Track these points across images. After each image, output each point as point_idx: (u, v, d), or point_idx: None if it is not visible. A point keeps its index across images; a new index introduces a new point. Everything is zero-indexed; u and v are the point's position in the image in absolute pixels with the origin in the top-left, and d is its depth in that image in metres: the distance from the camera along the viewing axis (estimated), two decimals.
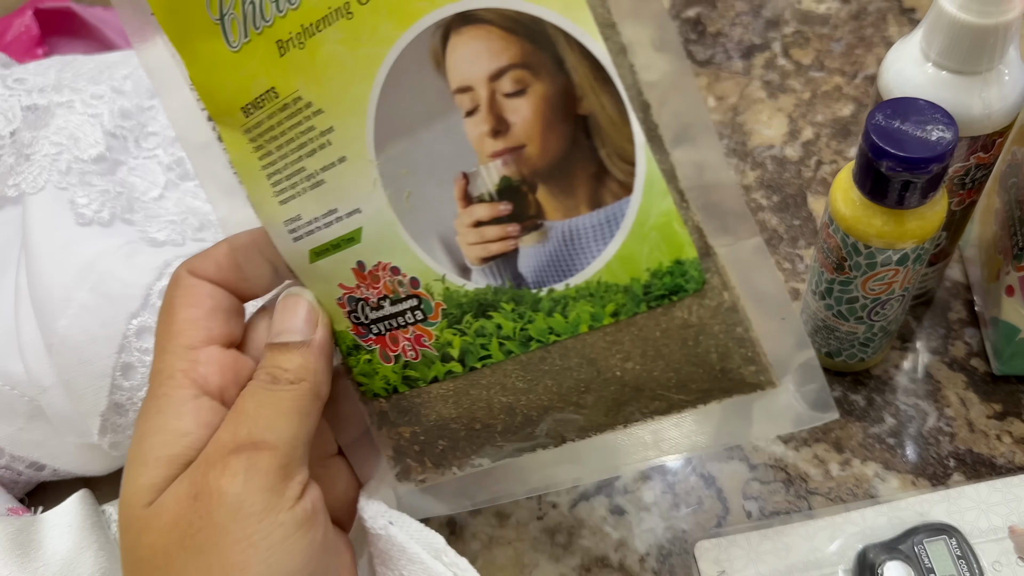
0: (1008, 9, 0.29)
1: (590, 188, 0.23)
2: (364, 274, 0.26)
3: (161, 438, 0.25)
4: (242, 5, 0.25)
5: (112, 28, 0.53)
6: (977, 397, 0.37)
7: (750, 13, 0.52)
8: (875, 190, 0.30)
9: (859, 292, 0.33)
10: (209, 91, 0.26)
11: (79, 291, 0.33)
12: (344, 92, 0.24)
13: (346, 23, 0.23)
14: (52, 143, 0.37)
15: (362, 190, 0.25)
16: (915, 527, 0.33)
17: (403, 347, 0.27)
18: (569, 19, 0.22)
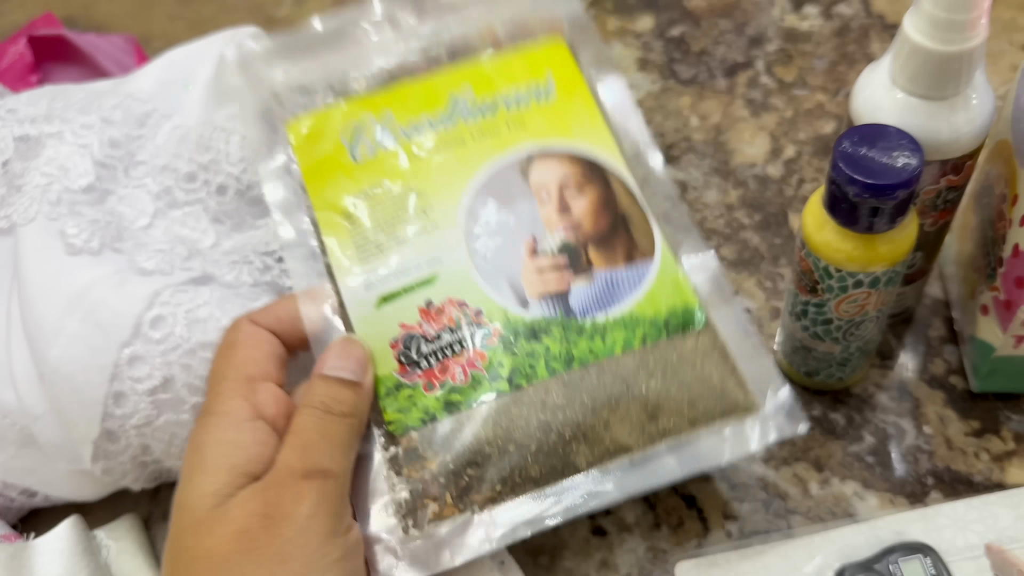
0: (971, 36, 0.29)
1: (626, 251, 0.34)
2: (430, 310, 0.33)
3: (222, 449, 0.28)
4: (376, 135, 0.36)
5: (104, 55, 0.54)
6: (955, 415, 0.37)
7: (734, 31, 0.52)
8: (844, 215, 0.30)
9: (833, 314, 0.33)
10: (319, 187, 0.35)
11: (71, 320, 0.33)
12: (448, 184, 0.35)
13: (460, 149, 0.36)
14: (42, 174, 0.38)
15: (447, 248, 0.34)
16: (891, 546, 0.33)
17: (453, 373, 0.32)
18: (611, 160, 0.36)
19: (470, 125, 0.36)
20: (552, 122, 0.36)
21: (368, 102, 0.37)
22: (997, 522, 0.34)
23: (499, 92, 0.36)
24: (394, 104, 0.37)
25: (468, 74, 0.37)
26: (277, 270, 0.37)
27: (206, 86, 0.43)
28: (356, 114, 0.36)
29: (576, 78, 0.37)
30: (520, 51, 0.38)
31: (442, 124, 0.36)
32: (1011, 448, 0.36)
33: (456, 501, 0.30)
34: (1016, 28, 0.50)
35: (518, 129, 0.36)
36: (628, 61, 0.52)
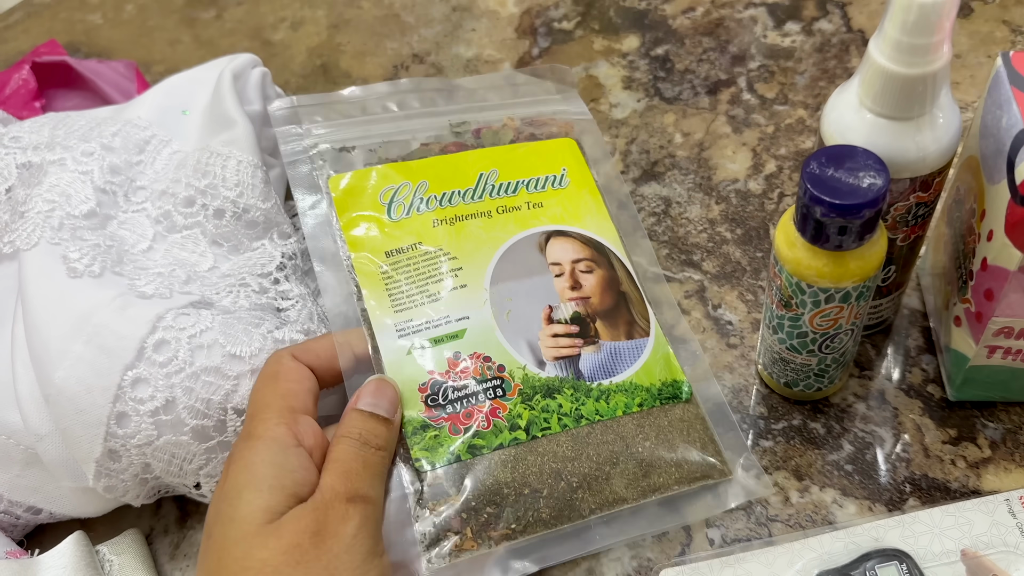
0: (934, 59, 0.30)
1: (627, 327, 0.39)
2: (457, 361, 0.36)
3: (274, 471, 0.31)
4: (411, 199, 0.40)
5: (106, 80, 0.55)
6: (933, 423, 0.38)
7: (717, 49, 0.54)
8: (813, 234, 0.31)
9: (807, 327, 0.35)
10: (357, 239, 0.39)
11: (75, 344, 0.35)
12: (476, 250, 0.39)
13: (487, 220, 0.40)
14: (45, 200, 0.39)
15: (474, 306, 0.38)
16: (868, 552, 0.34)
17: (477, 419, 0.35)
18: (615, 247, 0.41)
19: (496, 201, 0.41)
20: (565, 208, 0.41)
21: (404, 168, 0.41)
22: (972, 528, 0.35)
23: (521, 176, 0.42)
24: (428, 174, 0.41)
25: (494, 158, 0.42)
26: (273, 292, 0.39)
27: (204, 112, 0.44)
28: (393, 177, 0.41)
29: (585, 173, 0.43)
30: (539, 145, 0.43)
31: (471, 198, 0.41)
32: (987, 455, 0.37)
33: (475, 536, 0.33)
34: (994, 41, 0.52)
35: (537, 211, 0.41)
36: (614, 80, 0.53)
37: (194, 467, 0.35)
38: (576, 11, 0.58)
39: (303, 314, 0.38)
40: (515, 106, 0.45)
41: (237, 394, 0.34)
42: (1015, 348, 0.35)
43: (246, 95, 0.45)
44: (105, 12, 0.64)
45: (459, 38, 0.58)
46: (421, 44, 0.58)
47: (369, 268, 0.38)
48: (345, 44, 0.59)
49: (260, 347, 0.34)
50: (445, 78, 0.48)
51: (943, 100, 0.32)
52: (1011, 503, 0.36)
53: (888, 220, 0.35)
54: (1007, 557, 0.34)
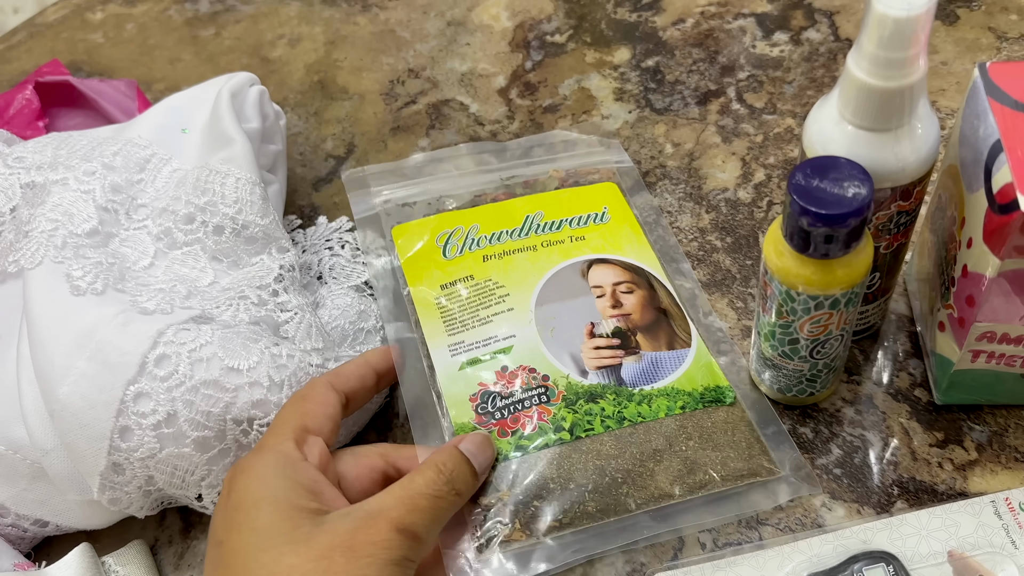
0: (911, 73, 0.31)
1: (668, 339, 0.41)
2: (505, 373, 0.40)
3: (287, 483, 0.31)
4: (464, 240, 0.45)
5: (107, 99, 0.57)
6: (920, 426, 0.39)
7: (706, 60, 0.54)
8: (801, 244, 0.32)
9: (799, 334, 0.35)
10: (416, 276, 0.44)
11: (78, 360, 0.35)
12: (522, 279, 0.43)
13: (532, 253, 0.44)
14: (48, 219, 0.40)
15: (520, 325, 0.42)
16: (856, 555, 0.35)
17: (523, 423, 0.38)
18: (655, 271, 0.44)
19: (540, 237, 0.45)
20: (606, 239, 0.45)
21: (458, 216, 0.46)
22: (959, 530, 0.36)
23: (565, 215, 0.46)
24: (479, 219, 0.46)
25: (540, 202, 0.47)
26: (272, 304, 0.39)
27: (202, 130, 0.45)
28: (448, 223, 0.46)
29: (626, 209, 0.46)
30: (582, 189, 0.47)
31: (518, 235, 0.45)
32: (973, 457, 0.38)
33: (524, 528, 0.36)
34: (979, 48, 0.52)
35: (579, 243, 0.45)
36: (605, 92, 0.54)
37: (196, 478, 0.35)
38: (568, 24, 0.59)
39: (302, 326, 0.39)
40: (561, 159, 0.50)
41: (236, 406, 0.35)
42: (998, 352, 0.36)
43: (244, 113, 0.46)
44: (106, 31, 0.65)
45: (454, 52, 0.59)
46: (416, 59, 0.59)
47: (426, 299, 0.43)
48: (342, 60, 0.60)
49: (258, 360, 0.35)
50: (498, 141, 0.52)
51: (921, 111, 0.33)
52: (997, 504, 0.36)
53: (871, 228, 0.35)
54: (993, 558, 0.35)
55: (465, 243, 0.45)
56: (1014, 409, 0.39)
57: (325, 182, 0.53)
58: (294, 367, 0.36)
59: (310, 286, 0.46)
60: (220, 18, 0.64)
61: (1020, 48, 0.52)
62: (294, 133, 0.56)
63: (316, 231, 0.49)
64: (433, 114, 0.55)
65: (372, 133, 0.55)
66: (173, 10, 0.65)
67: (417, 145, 0.54)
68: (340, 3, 0.64)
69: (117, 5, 0.67)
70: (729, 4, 0.57)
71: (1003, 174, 0.31)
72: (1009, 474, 0.37)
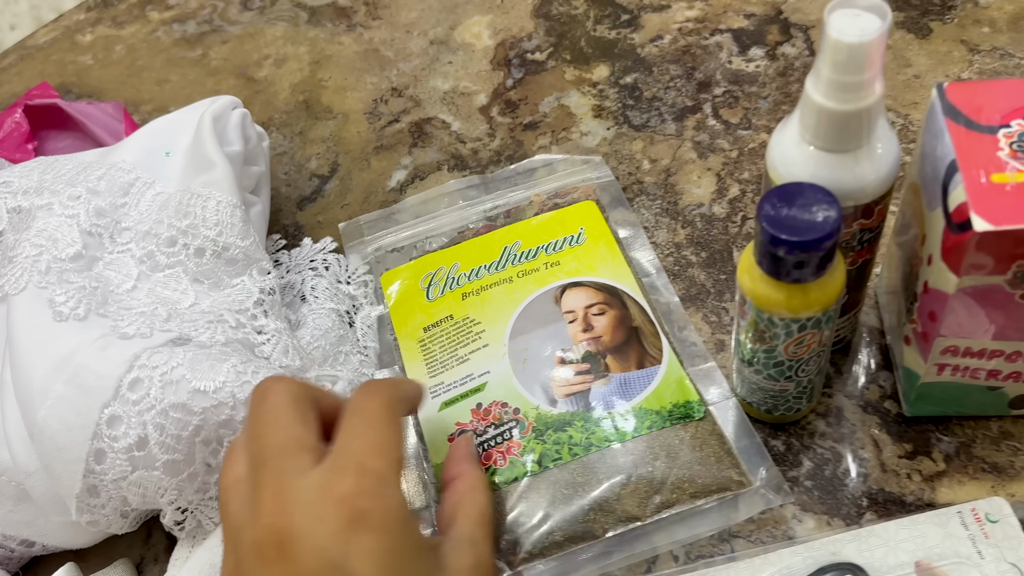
0: (867, 95, 0.32)
1: (638, 358, 0.42)
2: (480, 411, 0.41)
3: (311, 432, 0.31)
4: (445, 280, 0.46)
5: (95, 122, 0.57)
6: (889, 438, 0.40)
7: (683, 76, 0.55)
8: (776, 270, 0.33)
9: (783, 356, 0.36)
10: (402, 321, 0.46)
11: (56, 383, 0.36)
12: (498, 313, 0.45)
13: (508, 285, 0.46)
14: (33, 245, 0.41)
15: (494, 361, 0.43)
16: (823, 567, 0.36)
17: (495, 459, 0.40)
18: (630, 288, 0.44)
19: (516, 268, 0.46)
20: (581, 262, 0.46)
21: (440, 256, 0.48)
22: (926, 540, 0.36)
23: (541, 242, 0.47)
24: (460, 256, 0.47)
25: (517, 232, 0.48)
26: (249, 327, 0.40)
27: (185, 154, 0.46)
28: (431, 265, 0.47)
29: (603, 227, 0.47)
30: (560, 212, 0.48)
31: (495, 269, 0.46)
32: (941, 468, 0.38)
33: (496, 562, 0.37)
34: (952, 61, 0.53)
35: (554, 268, 0.46)
36: (584, 109, 0.55)
37: (165, 500, 0.36)
38: (549, 42, 0.59)
39: (278, 348, 0.39)
40: (544, 183, 0.51)
41: (204, 428, 0.36)
42: (963, 365, 0.36)
43: (226, 136, 0.47)
44: (96, 53, 0.66)
45: (436, 71, 0.60)
46: (400, 78, 0.60)
47: (411, 344, 0.45)
48: (327, 80, 0.61)
49: (224, 380, 0.36)
50: (484, 174, 0.53)
51: (880, 131, 0.34)
52: (963, 515, 0.37)
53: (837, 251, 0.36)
54: (960, 568, 0.35)
55: (446, 283, 0.46)
56: (982, 420, 0.39)
57: (309, 201, 0.54)
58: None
59: (292, 305, 0.47)
60: (207, 39, 0.65)
61: (992, 60, 0.53)
62: (279, 153, 0.57)
63: (300, 252, 0.50)
64: (415, 132, 0.56)
65: (356, 152, 0.56)
66: (161, 31, 0.66)
67: (399, 163, 0.55)
68: (325, 23, 0.65)
69: (106, 27, 0.68)
70: (706, 20, 0.58)
71: (958, 193, 0.32)
72: (976, 484, 0.38)
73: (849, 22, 0.30)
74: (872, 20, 0.30)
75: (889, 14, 0.30)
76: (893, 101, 0.52)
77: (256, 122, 0.58)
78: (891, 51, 0.54)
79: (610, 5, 0.61)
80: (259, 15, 0.66)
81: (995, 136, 0.32)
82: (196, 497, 0.38)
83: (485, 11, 0.62)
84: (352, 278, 0.48)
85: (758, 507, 0.38)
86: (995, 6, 0.55)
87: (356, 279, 0.48)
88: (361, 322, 0.46)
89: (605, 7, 0.61)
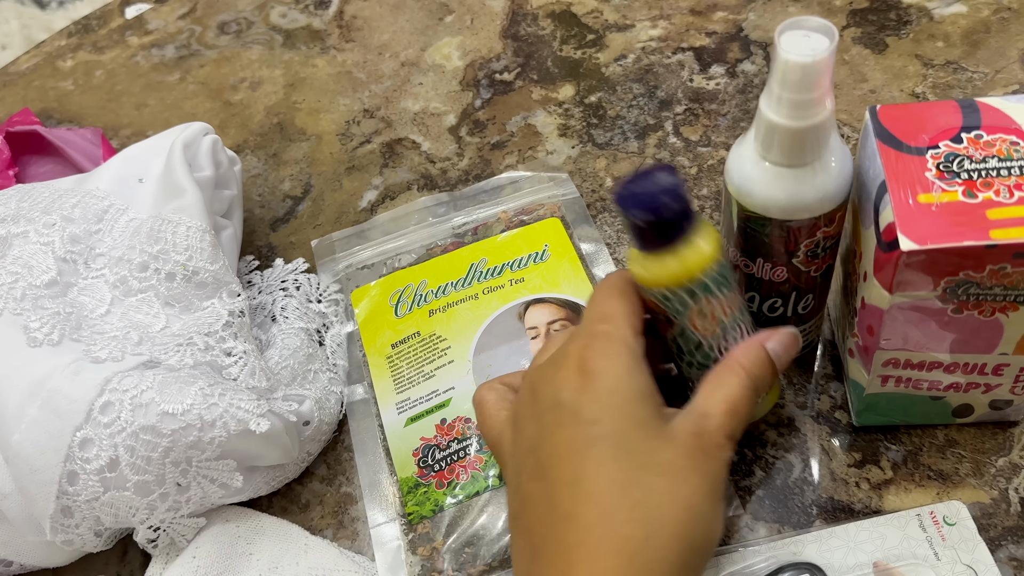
0: (818, 112, 0.33)
1: None
2: (444, 427, 0.43)
3: (644, 380, 0.33)
4: (413, 297, 0.48)
5: (75, 147, 0.59)
6: (839, 448, 0.41)
7: (646, 95, 0.57)
8: (641, 239, 0.34)
9: (694, 334, 0.35)
10: (371, 338, 0.47)
11: (30, 407, 0.38)
12: (463, 329, 0.46)
13: (473, 302, 0.47)
14: (8, 272, 0.43)
15: (459, 376, 0.44)
16: (782, 566, 0.37)
17: (458, 473, 0.41)
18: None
19: (482, 284, 0.48)
20: (544, 278, 0.47)
21: (409, 273, 0.49)
22: (885, 542, 0.37)
23: (506, 259, 0.48)
24: (428, 273, 0.49)
25: (484, 249, 0.49)
26: (218, 349, 0.42)
27: (157, 181, 0.47)
28: (400, 281, 0.49)
29: (566, 244, 0.49)
30: (526, 229, 0.50)
31: (461, 286, 0.48)
32: (888, 476, 0.40)
33: (456, 573, 0.38)
34: (906, 76, 0.54)
35: (519, 285, 0.47)
36: (550, 128, 0.56)
37: (137, 519, 0.37)
38: (516, 62, 0.61)
39: (245, 370, 0.41)
40: (510, 200, 0.52)
41: (174, 451, 0.37)
42: (904, 377, 0.38)
43: (197, 162, 0.49)
44: (76, 78, 0.68)
45: (407, 92, 0.61)
46: (372, 99, 0.61)
47: (379, 360, 0.46)
48: (300, 102, 0.62)
49: (191, 403, 0.37)
50: (453, 191, 0.54)
51: (833, 144, 0.35)
52: (922, 518, 0.38)
53: (800, 255, 0.37)
54: (916, 569, 0.37)
55: (414, 300, 0.48)
56: (928, 429, 0.41)
57: (282, 222, 0.55)
58: (225, 405, 0.38)
59: (263, 325, 0.48)
60: (185, 63, 0.67)
61: (946, 74, 0.54)
62: (253, 175, 0.58)
63: (272, 272, 0.51)
64: (387, 153, 0.58)
65: (328, 173, 0.57)
66: (140, 56, 0.68)
67: (371, 184, 0.56)
68: (300, 46, 0.66)
69: (87, 52, 0.69)
70: (669, 39, 0.60)
71: (888, 213, 0.33)
72: (922, 492, 0.39)
73: (799, 42, 0.32)
74: (820, 40, 0.32)
75: (836, 34, 0.32)
76: (849, 116, 0.53)
77: (231, 145, 0.59)
78: (847, 66, 0.55)
79: (576, 25, 0.62)
80: (235, 39, 0.67)
81: (923, 157, 0.34)
82: (168, 515, 0.39)
83: (455, 32, 0.64)
84: (323, 296, 0.50)
85: None
86: (949, 21, 0.57)
87: (327, 297, 0.50)
88: (331, 340, 0.48)
89: (571, 27, 0.62)
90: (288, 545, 0.41)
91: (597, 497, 0.30)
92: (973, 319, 0.34)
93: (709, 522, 0.31)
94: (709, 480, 0.31)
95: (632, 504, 0.30)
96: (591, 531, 0.30)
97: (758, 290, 0.39)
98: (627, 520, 0.30)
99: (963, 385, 0.38)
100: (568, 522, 0.30)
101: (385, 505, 0.42)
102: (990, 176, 0.33)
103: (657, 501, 0.30)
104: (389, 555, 0.40)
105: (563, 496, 0.31)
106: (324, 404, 0.44)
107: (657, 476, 0.31)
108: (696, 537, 0.31)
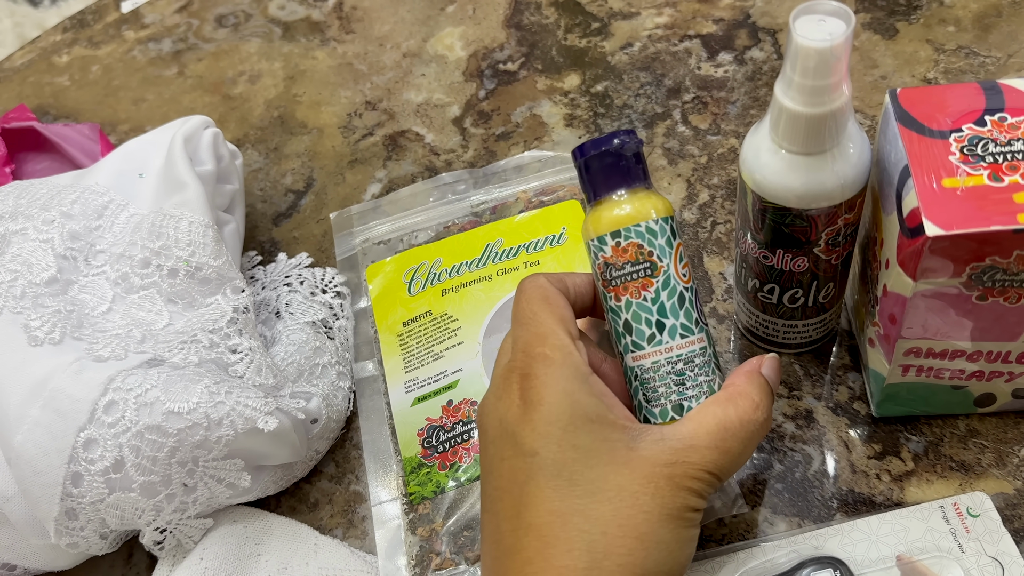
0: (835, 98, 0.32)
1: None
2: (450, 408, 0.42)
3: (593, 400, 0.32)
4: (427, 275, 0.47)
5: (72, 144, 0.58)
6: (859, 439, 0.40)
7: (653, 83, 0.56)
8: (595, 190, 0.34)
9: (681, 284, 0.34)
10: (383, 315, 0.47)
11: (32, 408, 0.37)
12: (475, 311, 0.45)
13: (487, 283, 0.46)
14: (8, 270, 0.42)
15: (468, 358, 0.44)
16: (804, 561, 0.36)
17: (461, 456, 0.41)
18: None
19: (497, 266, 0.47)
20: (560, 262, 0.46)
21: (424, 251, 0.48)
22: (908, 535, 0.37)
23: (523, 241, 0.47)
24: (443, 252, 0.48)
25: (501, 229, 0.48)
26: (222, 346, 0.41)
27: (157, 175, 0.46)
28: (414, 259, 0.48)
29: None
30: (544, 211, 0.49)
31: (476, 266, 0.47)
32: (910, 468, 0.39)
33: (454, 556, 0.38)
34: (918, 61, 0.54)
35: (534, 267, 0.46)
36: (556, 119, 0.55)
37: (143, 521, 0.36)
38: (520, 52, 0.60)
39: (251, 367, 0.40)
40: (531, 180, 0.51)
41: (180, 450, 0.36)
42: (926, 366, 0.37)
43: (198, 156, 0.48)
44: (72, 74, 0.66)
45: (409, 84, 0.60)
46: (373, 91, 0.60)
47: (390, 338, 0.46)
48: (301, 95, 0.61)
49: (197, 402, 0.36)
50: (474, 168, 0.53)
51: (851, 130, 0.34)
52: (945, 510, 0.37)
53: (821, 244, 0.36)
54: (940, 561, 0.36)
55: (428, 278, 0.47)
56: (949, 419, 0.40)
57: (285, 217, 0.55)
58: (232, 403, 0.37)
59: (268, 322, 0.47)
60: (183, 57, 0.66)
61: (957, 59, 0.53)
62: (255, 169, 0.57)
63: (276, 267, 0.50)
64: (390, 145, 0.57)
65: (331, 167, 0.56)
66: (137, 50, 0.67)
67: (374, 177, 0.55)
68: (299, 38, 0.65)
69: (82, 47, 0.68)
70: (675, 26, 0.59)
71: (911, 198, 0.32)
72: (944, 483, 0.38)
73: (814, 27, 0.31)
74: (836, 24, 0.31)
75: (853, 17, 0.31)
76: (860, 102, 0.52)
77: (231, 139, 0.58)
78: (858, 52, 0.54)
79: (580, 14, 0.61)
80: (233, 32, 0.66)
81: (947, 141, 0.33)
82: (174, 517, 0.38)
83: (457, 22, 0.63)
84: (328, 287, 0.49)
85: (713, 516, 0.38)
86: (960, 5, 0.56)
87: (331, 288, 0.49)
88: (339, 331, 0.47)
89: (575, 16, 0.61)
90: (297, 545, 0.40)
91: (538, 529, 0.29)
92: (998, 306, 0.33)
93: (667, 550, 0.29)
94: (668, 507, 0.29)
95: (573, 534, 0.29)
96: (532, 563, 0.29)
97: (778, 281, 0.39)
98: (567, 551, 0.29)
99: (986, 374, 0.37)
100: (512, 556, 0.30)
101: (388, 484, 0.41)
102: (1016, 159, 0.32)
103: (602, 530, 0.29)
104: (389, 533, 0.40)
105: (506, 530, 0.30)
106: (332, 401, 0.43)
107: (603, 504, 0.29)
108: (649, 567, 0.29)
